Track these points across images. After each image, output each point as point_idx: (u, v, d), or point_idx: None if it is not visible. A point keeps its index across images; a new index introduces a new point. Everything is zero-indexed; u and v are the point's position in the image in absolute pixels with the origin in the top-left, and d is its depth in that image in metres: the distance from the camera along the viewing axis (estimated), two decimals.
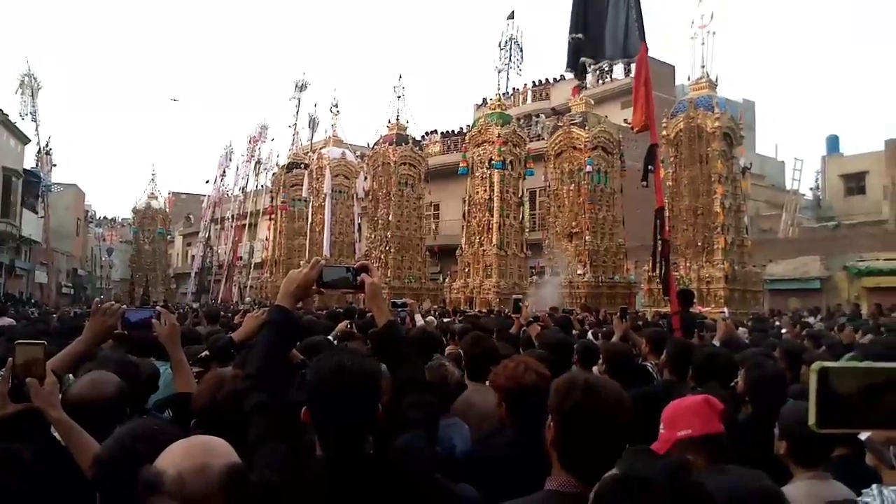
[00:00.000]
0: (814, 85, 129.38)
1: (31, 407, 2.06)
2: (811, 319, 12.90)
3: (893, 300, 18.78)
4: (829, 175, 34.49)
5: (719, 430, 2.05)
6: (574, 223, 18.19)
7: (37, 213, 32.13)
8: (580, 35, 7.54)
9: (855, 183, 33.38)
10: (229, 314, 10.54)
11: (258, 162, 32.85)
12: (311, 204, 24.71)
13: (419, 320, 6.66)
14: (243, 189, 34.18)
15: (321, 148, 26.27)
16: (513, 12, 21.11)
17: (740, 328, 8.53)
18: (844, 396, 0.86)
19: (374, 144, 22.82)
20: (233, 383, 2.23)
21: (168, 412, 3.03)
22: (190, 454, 1.25)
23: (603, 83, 29.61)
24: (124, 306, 3.11)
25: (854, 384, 0.87)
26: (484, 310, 15.73)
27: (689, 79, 17.22)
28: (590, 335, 6.35)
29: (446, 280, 21.55)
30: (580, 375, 1.82)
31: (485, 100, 28.77)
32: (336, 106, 25.38)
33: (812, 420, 0.87)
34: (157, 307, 3.97)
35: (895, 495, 1.66)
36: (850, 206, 32.35)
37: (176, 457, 1.25)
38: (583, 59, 7.51)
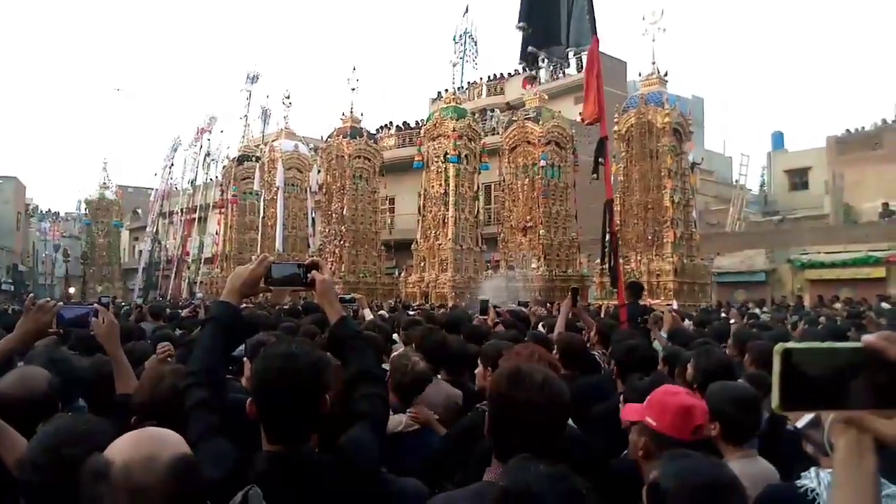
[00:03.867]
0: (760, 82, 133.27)
1: None
2: (758, 311, 13.26)
3: (834, 291, 19.54)
4: (775, 170, 35.60)
5: (683, 438, 2.04)
6: (528, 217, 18.32)
7: None
8: (525, 24, 7.55)
9: (799, 178, 34.51)
10: (177, 310, 10.28)
11: (207, 154, 32.12)
12: (262, 198, 24.26)
13: (368, 315, 6.63)
14: (192, 182, 33.39)
15: (273, 140, 25.79)
16: (467, 7, 21.12)
17: (686, 320, 8.69)
18: (808, 377, 0.86)
19: (328, 137, 22.55)
20: (172, 378, 2.19)
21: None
22: (138, 444, 1.23)
23: (556, 78, 29.87)
24: (60, 303, 3.01)
25: (817, 365, 0.86)
26: (437, 304, 15.74)
27: (640, 75, 17.49)
28: (540, 327, 6.37)
29: (402, 274, 21.47)
30: (510, 367, 1.81)
31: (440, 93, 28.70)
32: (288, 98, 24.96)
33: (776, 402, 0.87)
34: (96, 304, 3.82)
35: (830, 477, 1.70)
36: (794, 201, 33.45)
37: (124, 447, 1.22)
38: (531, 48, 7.52)
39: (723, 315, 11.04)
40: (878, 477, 0.97)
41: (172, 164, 33.69)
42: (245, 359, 3.37)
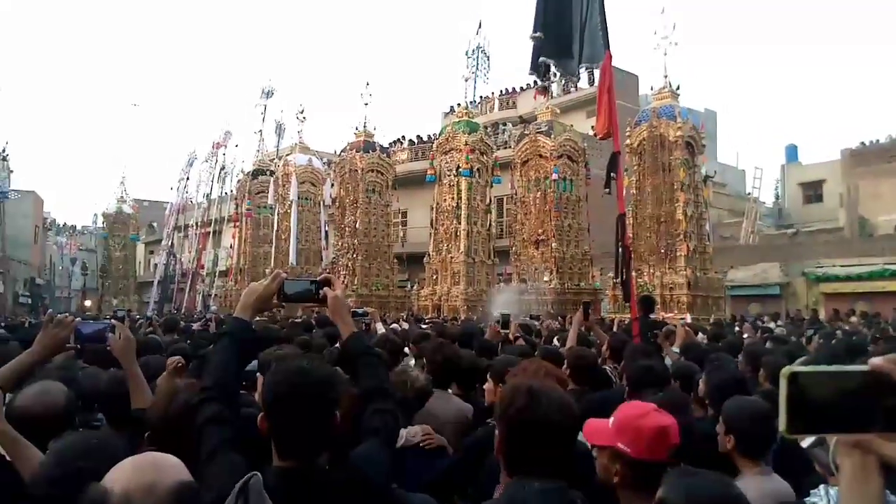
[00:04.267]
0: (774, 95, 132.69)
1: None
2: (772, 325, 13.16)
3: (849, 305, 19.33)
4: (788, 183, 35.34)
5: (659, 459, 2.00)
6: (540, 230, 18.32)
7: None
8: (540, 34, 7.59)
9: (813, 191, 34.24)
10: (190, 323, 10.36)
11: (222, 168, 32.40)
12: (276, 211, 24.41)
13: (380, 328, 6.65)
14: (207, 196, 33.67)
15: (287, 154, 26.00)
16: (480, 23, 21.27)
17: (700, 334, 8.65)
18: (815, 401, 0.85)
19: (341, 151, 22.71)
20: (187, 394, 2.20)
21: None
22: (138, 471, 1.21)
23: (568, 92, 29.94)
24: (78, 318, 3.05)
25: (824, 388, 0.85)
26: (450, 317, 15.75)
27: (652, 88, 17.51)
28: (554, 341, 6.37)
29: (414, 287, 21.50)
30: (524, 384, 1.80)
31: (452, 108, 28.86)
32: (302, 112, 25.16)
33: (783, 426, 0.86)
34: (113, 320, 3.86)
35: (839, 495, 1.71)
36: (808, 214, 33.17)
37: (124, 474, 1.20)
38: (542, 58, 7.56)
39: (736, 329, 10.97)
40: (884, 498, 0.97)
41: (188, 178, 34.02)
42: (258, 374, 3.40)
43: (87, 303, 32.29)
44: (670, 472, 2.03)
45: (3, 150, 30.59)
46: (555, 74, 8.10)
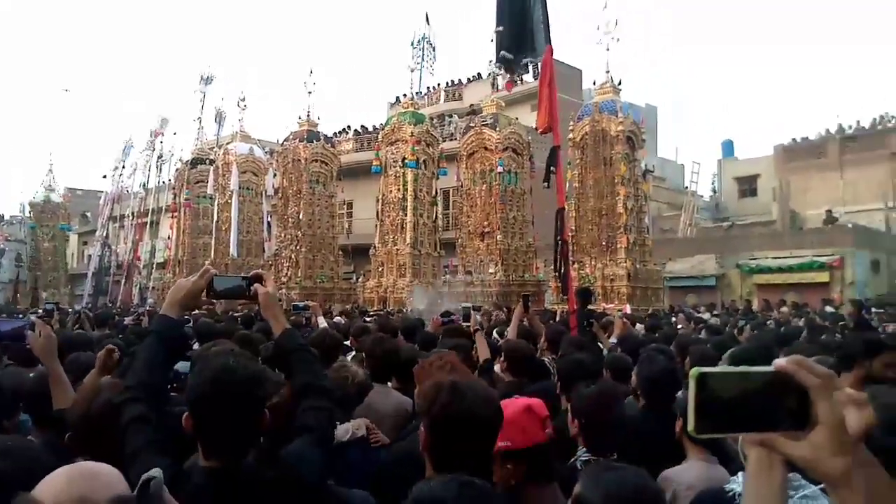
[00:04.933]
0: (712, 91, 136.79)
1: None
2: (706, 315, 13.57)
3: (780, 296, 20.13)
4: (725, 177, 36.51)
5: (540, 440, 2.01)
6: (486, 223, 18.44)
7: None
8: (501, 28, 7.59)
9: (748, 185, 35.48)
10: (124, 317, 10.03)
11: (160, 157, 31.39)
12: (217, 201, 23.78)
13: (322, 322, 6.57)
14: (144, 185, 32.58)
15: (228, 143, 25.33)
16: (427, 15, 21.16)
17: (637, 325, 8.86)
18: (722, 400, 0.87)
19: (284, 141, 22.30)
20: (109, 392, 2.14)
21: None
22: (72, 482, 1.13)
23: (516, 83, 30.12)
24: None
25: (731, 388, 0.87)
26: (396, 309, 15.70)
27: (594, 83, 17.78)
28: (495, 334, 6.42)
29: (360, 280, 21.34)
30: (446, 381, 1.79)
31: (398, 98, 28.70)
32: (243, 100, 24.57)
33: (691, 426, 0.87)
34: (32, 316, 3.70)
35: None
36: (743, 208, 34.37)
37: (56, 485, 1.13)
38: (502, 52, 7.57)
39: (673, 320, 11.27)
40: (787, 488, 1.00)
41: (123, 167, 32.83)
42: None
43: (10, 296, 30.73)
44: (588, 468, 2.07)
45: None
46: (520, 62, 8.06)
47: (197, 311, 8.38)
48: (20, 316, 10.42)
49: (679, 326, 9.78)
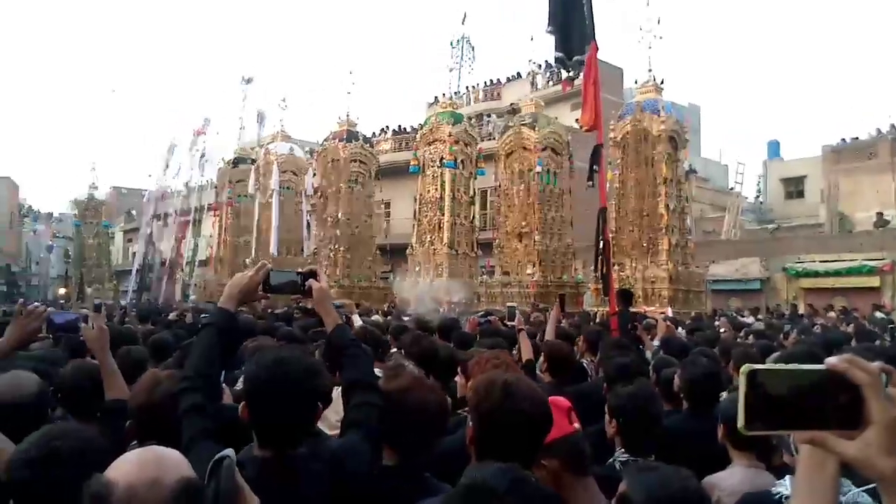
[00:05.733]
0: (757, 91, 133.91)
1: None
2: (750, 319, 13.24)
3: (828, 300, 19.58)
4: (770, 179, 35.71)
5: (568, 432, 2.00)
6: (524, 223, 18.32)
7: None
8: (552, 29, 7.53)
9: (794, 187, 34.65)
10: (168, 313, 10.23)
11: (202, 156, 32.02)
12: (257, 200, 24.17)
13: (357, 321, 6.59)
14: (187, 184, 33.29)
15: (269, 143, 25.73)
16: (465, 14, 21.18)
17: (679, 328, 8.68)
18: (772, 398, 0.87)
19: (324, 141, 22.53)
20: (169, 383, 2.22)
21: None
22: (142, 466, 1.19)
23: (553, 84, 29.94)
24: (50, 308, 3.04)
25: (782, 386, 0.88)
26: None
27: (636, 82, 17.52)
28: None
29: (397, 279, 21.41)
30: (499, 377, 1.82)
31: (436, 98, 28.75)
32: (284, 100, 24.96)
33: (741, 422, 0.88)
34: (87, 310, 3.80)
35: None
36: (789, 210, 33.56)
37: (127, 468, 1.18)
38: (556, 54, 7.52)
39: (716, 323, 11.04)
40: (838, 488, 1.02)
41: (168, 166, 33.59)
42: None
43: (61, 290, 31.77)
44: (632, 467, 2.05)
45: None
46: (572, 63, 7.97)
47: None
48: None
49: (722, 330, 9.56)
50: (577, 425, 2.07)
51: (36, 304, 2.93)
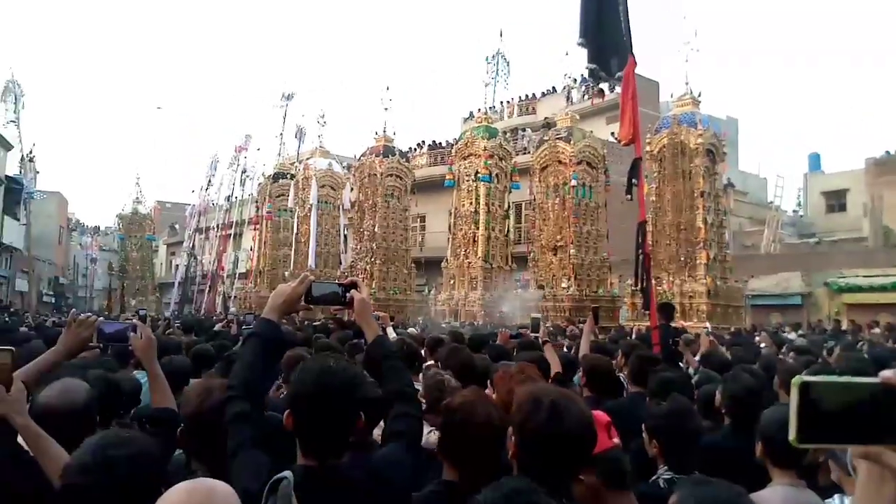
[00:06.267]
0: (797, 103, 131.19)
1: None
2: (792, 335, 12.98)
3: (872, 316, 19.04)
4: (811, 192, 34.93)
5: (607, 447, 2.00)
6: (559, 237, 18.26)
7: (19, 220, 31.78)
8: (583, 41, 7.56)
9: (836, 200, 33.82)
10: (211, 324, 10.46)
11: (244, 171, 32.69)
12: (296, 214, 24.60)
13: (391, 333, 6.66)
14: (228, 198, 33.98)
15: (308, 158, 26.19)
16: (501, 31, 21.33)
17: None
18: (826, 411, 0.85)
19: (361, 156, 22.83)
20: (220, 393, 2.21)
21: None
22: (192, 498, 1.21)
23: (588, 98, 29.84)
24: (100, 318, 3.07)
25: (836, 399, 0.85)
26: (467, 322, 15.75)
27: (672, 95, 17.41)
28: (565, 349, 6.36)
29: (432, 292, 21.49)
30: (545, 395, 1.79)
31: (472, 113, 28.93)
32: (323, 117, 25.38)
33: (792, 435, 0.86)
34: (134, 319, 3.90)
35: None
36: (831, 223, 32.77)
37: (177, 500, 1.21)
38: (588, 65, 7.53)
39: (756, 339, 10.85)
40: None
41: (210, 181, 34.36)
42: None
43: (105, 302, 32.62)
44: (686, 481, 2.04)
45: (31, 152, 31.09)
46: (601, 76, 7.97)
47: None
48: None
49: (762, 346, 9.40)
50: (616, 440, 2.07)
51: (87, 313, 2.95)
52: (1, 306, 25.80)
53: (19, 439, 2.07)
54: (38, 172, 32.26)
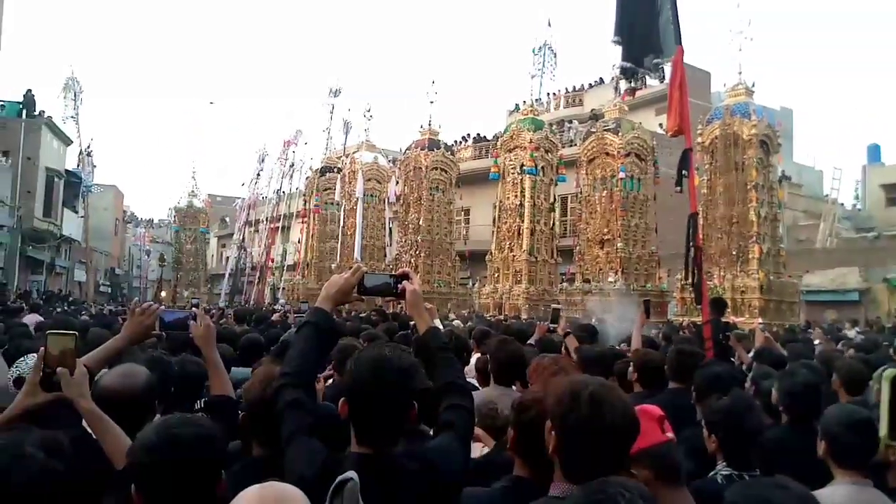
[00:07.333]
0: (855, 93, 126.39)
1: (61, 397, 2.08)
2: (850, 333, 12.55)
3: None
4: (870, 185, 33.73)
5: (660, 441, 1.96)
6: (606, 230, 18.00)
7: (77, 212, 32.91)
8: (618, 39, 7.44)
9: None
10: (262, 316, 10.68)
11: (292, 165, 33.19)
12: (343, 208, 24.93)
13: (438, 325, 6.67)
14: (277, 192, 34.56)
15: (354, 152, 26.47)
16: (549, 21, 21.08)
17: None
18: None
19: (406, 149, 22.94)
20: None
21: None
22: (264, 501, 1.24)
23: (639, 89, 29.31)
24: (162, 306, 3.14)
25: None
26: (511, 315, 15.70)
27: (724, 86, 16.98)
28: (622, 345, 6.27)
29: (476, 285, 21.49)
30: (584, 387, 1.74)
31: (517, 106, 28.74)
32: (369, 111, 25.60)
33: (883, 431, 0.83)
34: (193, 308, 3.99)
35: None
36: (891, 217, 31.57)
37: (251, 502, 1.23)
38: (623, 63, 7.40)
39: (810, 332, 10.53)
40: None
41: (259, 175, 34.99)
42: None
43: (163, 293, 33.61)
44: (745, 482, 1.98)
45: (88, 147, 32.13)
46: (641, 76, 7.83)
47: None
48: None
49: (817, 342, 9.12)
50: (670, 434, 2.03)
51: (150, 302, 3.04)
52: (61, 296, 26.80)
53: (83, 422, 2.14)
54: (95, 167, 33.31)
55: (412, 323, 6.86)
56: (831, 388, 3.98)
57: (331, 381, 4.01)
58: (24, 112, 28.31)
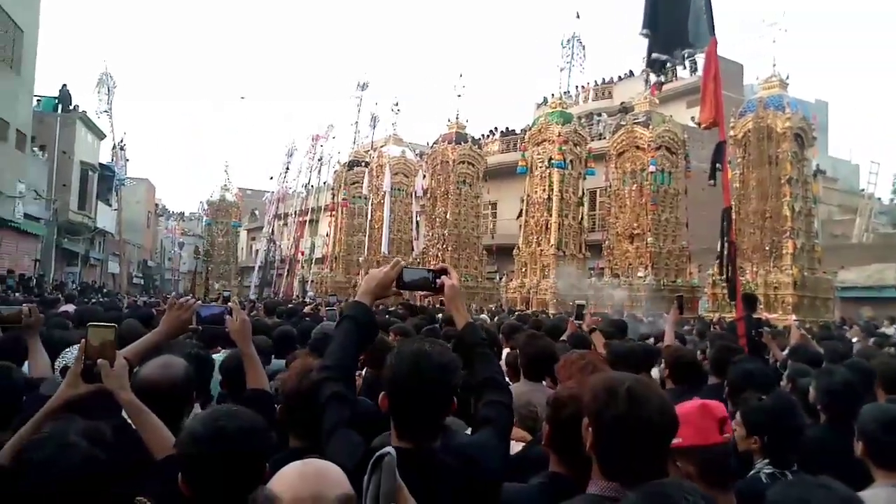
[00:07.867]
0: (892, 85, 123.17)
1: (101, 388, 2.11)
2: (890, 331, 12.23)
3: None
4: None
5: (715, 442, 1.92)
6: (635, 224, 17.83)
7: (111, 205, 33.52)
8: (648, 31, 7.34)
9: None
10: (292, 308, 10.77)
11: (320, 159, 33.41)
12: (370, 201, 25.03)
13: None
14: (306, 186, 34.82)
15: (382, 146, 26.56)
16: (578, 14, 20.91)
17: None
18: None
19: (434, 143, 22.95)
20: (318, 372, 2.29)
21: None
22: (306, 480, 1.24)
23: (668, 82, 28.92)
24: (199, 301, 3.18)
25: None
26: (539, 310, 15.63)
27: (757, 78, 16.68)
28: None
29: (503, 279, 21.45)
30: (621, 384, 1.70)
31: (545, 99, 28.52)
32: (397, 105, 25.67)
33: None
34: (228, 304, 4.03)
35: None
36: None
37: (291, 482, 1.23)
38: (655, 55, 7.30)
39: (845, 332, 10.30)
40: None
41: (288, 169, 35.28)
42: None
43: (188, 285, 34.13)
44: (784, 481, 1.94)
45: (122, 141, 32.66)
46: (669, 64, 7.73)
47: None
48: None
49: (854, 340, 8.91)
50: (728, 436, 1.99)
51: (188, 297, 3.09)
52: (95, 287, 27.35)
53: (123, 413, 2.18)
54: (128, 160, 33.85)
55: (439, 317, 6.88)
56: (875, 387, 3.90)
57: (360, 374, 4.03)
58: (60, 107, 28.82)
